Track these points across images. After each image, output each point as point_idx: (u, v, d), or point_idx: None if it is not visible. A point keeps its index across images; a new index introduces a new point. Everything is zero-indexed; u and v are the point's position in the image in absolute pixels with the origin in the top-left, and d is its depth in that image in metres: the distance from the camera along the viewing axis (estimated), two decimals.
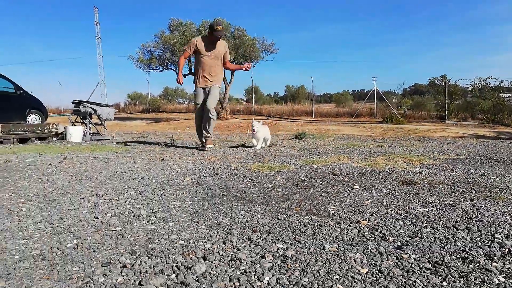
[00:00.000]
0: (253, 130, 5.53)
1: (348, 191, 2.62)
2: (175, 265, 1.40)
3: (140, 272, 1.34)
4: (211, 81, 5.59)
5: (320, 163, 4.00)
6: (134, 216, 2.05)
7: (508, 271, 1.34)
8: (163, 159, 4.33)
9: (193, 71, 6.12)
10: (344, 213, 2.09)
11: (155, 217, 2.03)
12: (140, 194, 2.57)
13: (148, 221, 1.95)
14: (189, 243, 1.63)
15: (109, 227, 1.86)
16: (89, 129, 8.31)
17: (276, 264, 1.40)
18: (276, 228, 1.83)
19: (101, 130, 8.81)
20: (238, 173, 3.35)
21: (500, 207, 2.19)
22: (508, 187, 2.74)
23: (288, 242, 1.64)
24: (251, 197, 2.48)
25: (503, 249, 1.55)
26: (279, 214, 2.08)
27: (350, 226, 1.86)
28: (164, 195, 2.54)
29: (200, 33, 15.41)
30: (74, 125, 8.40)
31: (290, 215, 2.06)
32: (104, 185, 2.85)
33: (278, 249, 1.56)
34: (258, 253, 1.51)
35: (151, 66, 18.68)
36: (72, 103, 8.58)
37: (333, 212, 2.12)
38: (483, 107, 17.52)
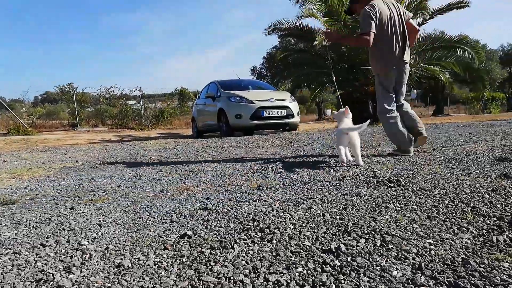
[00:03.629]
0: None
1: None
2: None
3: None
4: None
5: None
6: None
7: (82, 281, 1.32)
8: None
9: None
10: None
11: None
12: None
13: None
14: None
15: None
16: None
17: None
18: None
19: None
20: None
21: (93, 211, 2.25)
22: (112, 187, 2.93)
23: None
24: None
25: (85, 255, 1.54)
26: None
27: None
28: None
29: None
30: None
31: None
32: None
33: None
34: None
35: None
36: None
37: None
38: (111, 114, 19.13)
